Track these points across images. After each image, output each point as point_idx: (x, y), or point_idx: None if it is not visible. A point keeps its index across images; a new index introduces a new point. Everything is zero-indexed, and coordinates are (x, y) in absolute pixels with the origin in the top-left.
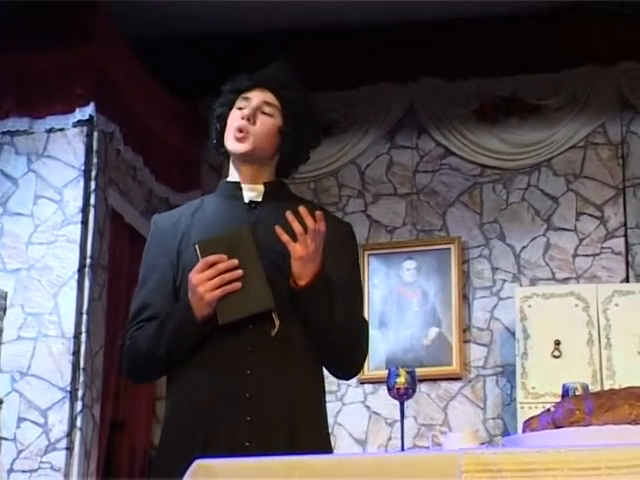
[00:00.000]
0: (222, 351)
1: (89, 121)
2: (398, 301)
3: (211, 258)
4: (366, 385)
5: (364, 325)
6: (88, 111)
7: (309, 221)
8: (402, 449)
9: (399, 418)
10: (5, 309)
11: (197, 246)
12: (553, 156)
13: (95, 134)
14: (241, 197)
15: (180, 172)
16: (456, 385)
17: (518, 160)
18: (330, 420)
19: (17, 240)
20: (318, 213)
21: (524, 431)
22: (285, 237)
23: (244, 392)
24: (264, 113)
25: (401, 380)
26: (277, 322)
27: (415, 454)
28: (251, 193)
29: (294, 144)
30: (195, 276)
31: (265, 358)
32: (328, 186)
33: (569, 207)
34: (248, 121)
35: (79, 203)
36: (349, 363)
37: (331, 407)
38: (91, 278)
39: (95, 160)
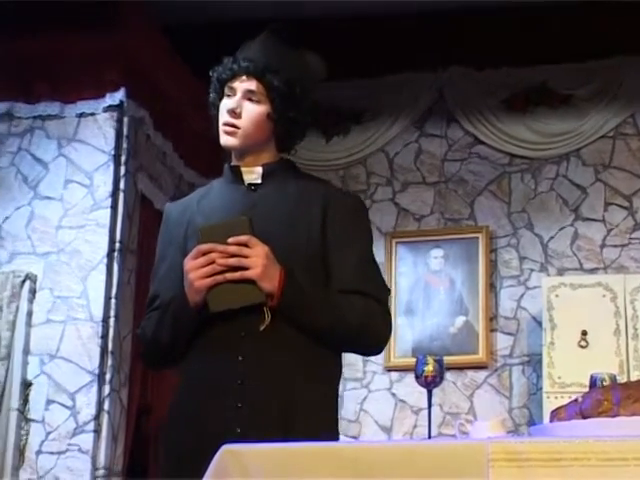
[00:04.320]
0: (216, 338)
1: (119, 106)
2: (425, 289)
3: (205, 246)
4: (392, 373)
5: (373, 304)
6: (118, 96)
7: (231, 248)
8: (429, 437)
9: (425, 406)
10: (35, 292)
11: (199, 232)
12: (582, 146)
13: (125, 119)
14: (241, 180)
15: (209, 157)
16: (482, 374)
17: (547, 150)
18: (356, 407)
19: (47, 224)
20: (234, 240)
21: (551, 421)
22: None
23: (235, 378)
24: (250, 100)
25: (429, 368)
26: (268, 317)
27: (443, 442)
28: (250, 176)
29: (285, 126)
30: (188, 263)
31: (258, 345)
32: (357, 174)
33: (597, 197)
34: (234, 114)
35: (109, 188)
36: (360, 348)
37: (357, 394)
38: (120, 262)
39: (125, 145)
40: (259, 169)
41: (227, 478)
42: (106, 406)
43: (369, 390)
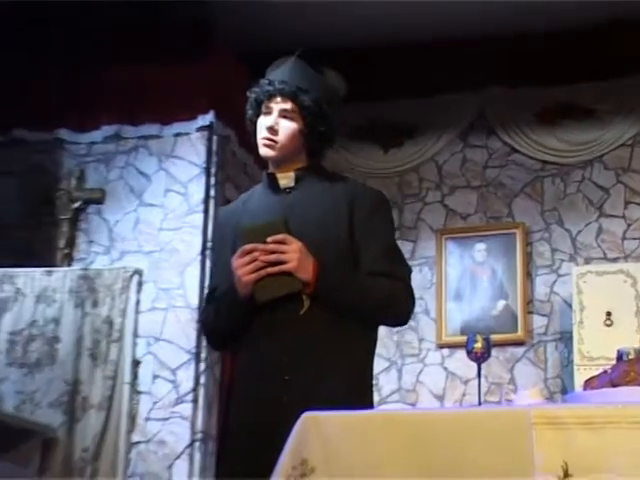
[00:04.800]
0: (264, 323)
1: (209, 127)
2: (471, 278)
3: (248, 246)
4: (444, 349)
5: (397, 283)
6: (208, 118)
7: (270, 246)
8: (479, 404)
9: (472, 377)
10: (141, 284)
11: (243, 234)
12: (604, 153)
13: (214, 138)
14: (277, 185)
15: None
16: (521, 349)
17: (574, 157)
18: (413, 379)
19: (150, 227)
20: (273, 239)
21: (585, 389)
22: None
23: (282, 357)
24: (285, 117)
25: (478, 345)
26: (306, 303)
27: (492, 409)
28: (285, 181)
29: (315, 139)
30: (235, 261)
31: (299, 327)
32: (410, 180)
33: (618, 197)
34: (272, 130)
35: (201, 195)
36: (388, 321)
37: (413, 368)
38: (211, 258)
39: (214, 159)
40: (292, 174)
41: (307, 443)
42: (202, 380)
43: (424, 364)
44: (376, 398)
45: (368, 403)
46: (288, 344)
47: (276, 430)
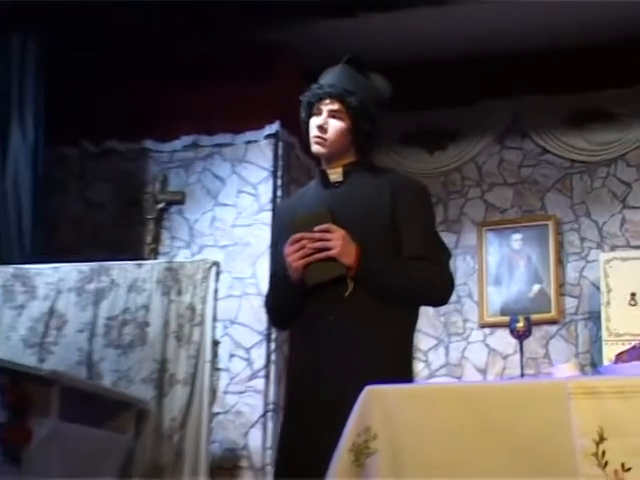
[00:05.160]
0: (314, 304)
1: (275, 135)
2: (508, 265)
3: (297, 235)
4: (485, 328)
5: (435, 267)
6: (275, 127)
7: (317, 234)
8: (522, 376)
9: (511, 353)
10: (219, 274)
11: (292, 224)
12: (626, 152)
13: (280, 144)
14: (328, 180)
15: None
16: (554, 328)
17: (599, 155)
18: (458, 355)
19: (225, 224)
20: (319, 228)
21: (616, 362)
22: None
23: (329, 333)
24: (334, 117)
25: (520, 325)
26: (350, 286)
27: (534, 381)
28: (334, 176)
29: (362, 136)
30: (286, 249)
31: (344, 307)
32: (453, 179)
33: None
34: (322, 129)
35: (269, 195)
36: (428, 302)
37: (459, 345)
38: (271, 247)
39: (280, 163)
40: (340, 170)
41: (370, 413)
42: (273, 357)
43: (468, 342)
44: (426, 372)
45: (408, 376)
46: (334, 322)
47: (318, 397)
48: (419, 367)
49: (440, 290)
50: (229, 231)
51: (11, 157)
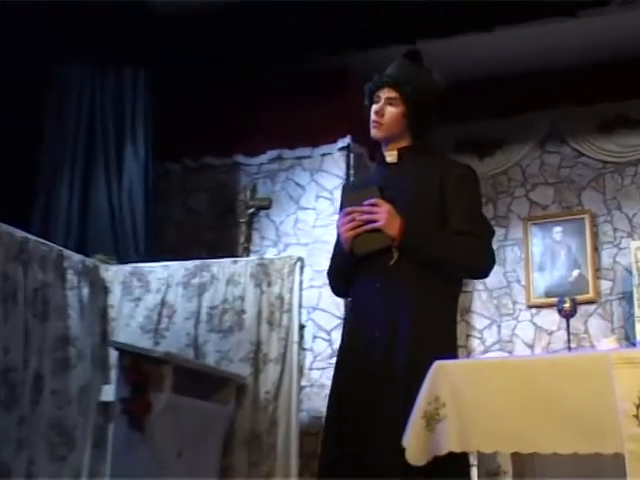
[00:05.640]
0: (363, 272)
1: (347, 147)
2: (551, 254)
3: (348, 209)
4: (532, 309)
5: (477, 241)
6: (346, 141)
7: (365, 208)
8: (568, 349)
9: (555, 330)
10: (302, 268)
11: (345, 199)
12: None
13: (351, 155)
14: (384, 160)
15: None
16: (592, 307)
17: (628, 157)
18: (509, 332)
19: (306, 225)
20: (368, 202)
21: None
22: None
23: (377, 298)
24: (391, 104)
25: (567, 305)
26: (395, 255)
27: (581, 353)
28: (390, 157)
29: (415, 121)
30: (339, 222)
31: (390, 274)
32: (501, 181)
33: None
34: (379, 115)
35: None
36: (470, 274)
37: (510, 324)
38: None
39: (352, 172)
40: (395, 152)
41: (438, 384)
42: None
43: (517, 321)
44: (481, 348)
45: (450, 342)
46: (380, 289)
47: (369, 356)
48: (475, 344)
49: (480, 264)
50: (309, 231)
51: (126, 174)
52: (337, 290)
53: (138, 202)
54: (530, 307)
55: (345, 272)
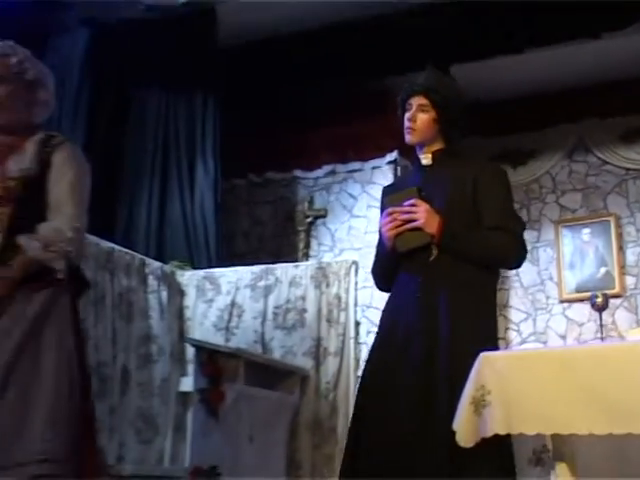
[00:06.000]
0: (404, 268)
1: (394, 161)
2: (580, 253)
3: (390, 209)
4: (564, 303)
5: (509, 235)
6: (394, 155)
7: (405, 208)
8: (601, 339)
9: (585, 321)
10: (357, 270)
11: (386, 200)
12: None
13: (398, 168)
14: (420, 163)
15: None
16: (618, 301)
17: None
18: (544, 325)
19: (359, 231)
20: (407, 202)
21: None
22: (409, 226)
23: (417, 292)
24: (422, 111)
25: (600, 300)
26: (434, 252)
27: (618, 343)
28: (425, 160)
29: (447, 126)
30: (381, 221)
31: (430, 270)
32: (533, 188)
33: None
34: (412, 121)
35: None
36: (504, 266)
37: (543, 317)
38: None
39: None
40: (430, 155)
41: (485, 374)
42: None
43: (551, 314)
44: (518, 339)
45: (490, 329)
46: (422, 283)
47: (409, 344)
48: (512, 335)
49: (513, 256)
50: (362, 237)
51: (198, 189)
52: (380, 286)
53: (209, 214)
54: (562, 302)
55: (387, 269)
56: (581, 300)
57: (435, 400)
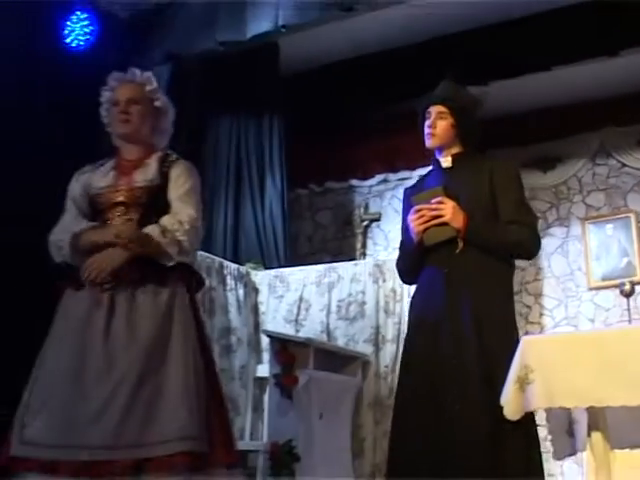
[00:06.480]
0: (431, 260)
1: None
2: (605, 246)
3: (418, 206)
4: (592, 291)
5: (525, 228)
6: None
7: (433, 205)
8: (629, 322)
9: (611, 307)
10: None
11: (414, 199)
12: None
13: None
14: (440, 166)
15: None
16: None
17: None
18: (574, 310)
19: None
20: (435, 200)
21: None
22: (436, 221)
23: (444, 283)
24: (441, 118)
25: (627, 287)
26: (460, 245)
27: None
28: (445, 163)
29: (464, 131)
30: (409, 217)
31: (456, 262)
32: (562, 189)
33: None
34: (432, 127)
35: None
36: (522, 256)
37: (574, 303)
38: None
39: None
40: (449, 158)
41: (528, 355)
42: None
43: (580, 301)
44: (552, 324)
45: (510, 312)
46: (448, 274)
47: (438, 328)
48: (547, 320)
49: (530, 247)
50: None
51: (267, 199)
52: (405, 279)
53: (277, 220)
54: (590, 289)
55: (413, 263)
56: (607, 287)
57: (469, 375)
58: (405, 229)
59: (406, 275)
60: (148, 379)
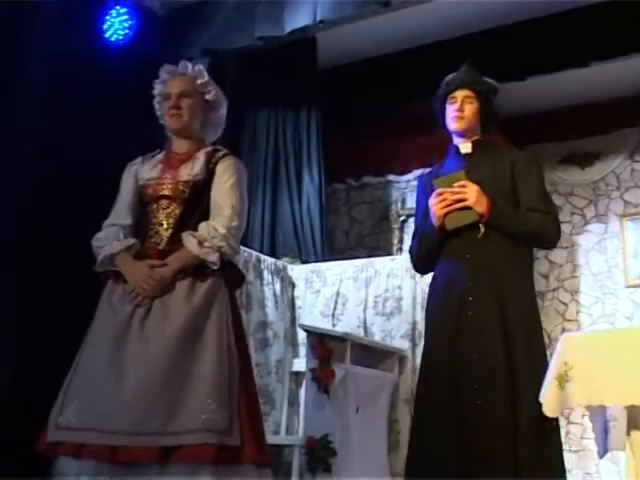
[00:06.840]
0: (453, 245)
1: None
2: None
3: (440, 190)
4: (630, 288)
5: (547, 217)
6: None
7: (455, 189)
8: None
9: None
10: None
11: (436, 182)
12: None
13: None
14: (460, 151)
15: None
16: None
17: None
18: (611, 307)
19: None
20: (458, 184)
21: None
22: (458, 205)
23: (466, 269)
24: (469, 102)
25: None
26: (482, 229)
27: None
28: (464, 149)
29: (487, 117)
30: (431, 201)
31: (478, 247)
32: (600, 185)
33: None
34: (460, 110)
35: None
36: (543, 245)
37: (611, 301)
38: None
39: None
40: (469, 144)
41: (567, 352)
42: None
43: (618, 298)
44: (589, 321)
45: (531, 296)
46: (470, 259)
47: (460, 318)
48: (584, 318)
49: (551, 236)
50: None
51: (304, 193)
52: (419, 267)
53: (314, 215)
54: (628, 287)
55: (432, 249)
56: None
57: (491, 370)
58: (423, 215)
59: (421, 263)
60: (179, 369)
